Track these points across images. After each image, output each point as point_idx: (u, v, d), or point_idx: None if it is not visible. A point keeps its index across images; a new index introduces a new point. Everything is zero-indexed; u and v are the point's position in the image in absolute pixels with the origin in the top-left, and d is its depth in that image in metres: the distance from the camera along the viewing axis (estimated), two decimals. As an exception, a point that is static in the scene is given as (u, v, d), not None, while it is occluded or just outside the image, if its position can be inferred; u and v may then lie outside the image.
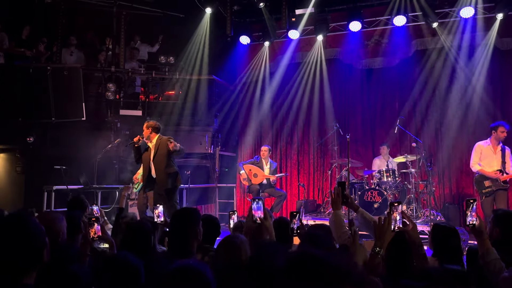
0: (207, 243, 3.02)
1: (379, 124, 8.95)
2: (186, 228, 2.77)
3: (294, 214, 3.18)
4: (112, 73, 8.32)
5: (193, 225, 2.79)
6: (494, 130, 6.04)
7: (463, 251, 4.15)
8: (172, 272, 1.54)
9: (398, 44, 8.58)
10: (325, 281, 1.16)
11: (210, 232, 3.10)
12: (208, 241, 3.05)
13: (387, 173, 7.55)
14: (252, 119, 10.01)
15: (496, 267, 2.27)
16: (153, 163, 5.88)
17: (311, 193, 9.46)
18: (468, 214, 2.50)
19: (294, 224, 3.14)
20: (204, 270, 1.56)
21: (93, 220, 2.86)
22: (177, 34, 9.00)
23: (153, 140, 5.94)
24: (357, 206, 3.26)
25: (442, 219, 7.23)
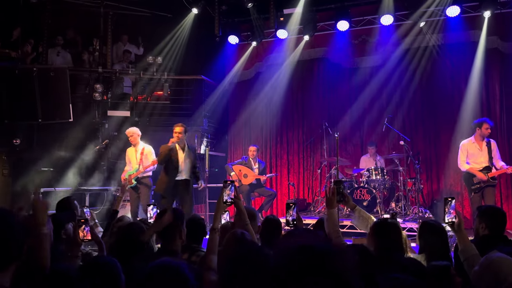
0: (194, 243, 3.03)
1: (368, 123, 9.01)
2: (170, 228, 2.79)
3: (290, 205, 3.15)
4: (99, 74, 8.25)
5: (176, 225, 2.81)
6: (479, 127, 6.10)
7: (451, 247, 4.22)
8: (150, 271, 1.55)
9: (386, 43, 8.65)
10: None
11: (196, 232, 3.10)
12: (195, 241, 3.05)
13: (376, 171, 7.62)
14: (241, 119, 10.01)
15: (475, 262, 2.32)
16: (183, 164, 6.06)
17: (301, 192, 9.49)
18: (447, 211, 2.56)
19: (290, 216, 3.12)
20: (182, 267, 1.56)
21: (82, 221, 2.84)
22: (165, 34, 8.94)
23: (184, 145, 6.15)
24: (354, 204, 3.29)
25: (431, 216, 7.30)
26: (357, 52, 9.00)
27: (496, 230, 3.12)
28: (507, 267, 1.89)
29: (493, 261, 1.94)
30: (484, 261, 1.99)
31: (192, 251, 2.97)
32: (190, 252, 2.97)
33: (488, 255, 2.04)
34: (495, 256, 1.97)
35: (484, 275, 1.94)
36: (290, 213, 3.13)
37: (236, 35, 9.24)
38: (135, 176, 6.47)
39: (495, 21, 7.81)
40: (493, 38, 7.91)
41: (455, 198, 2.70)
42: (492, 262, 1.94)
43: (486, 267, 1.95)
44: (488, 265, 1.94)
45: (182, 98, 9.02)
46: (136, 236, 2.81)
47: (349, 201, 3.26)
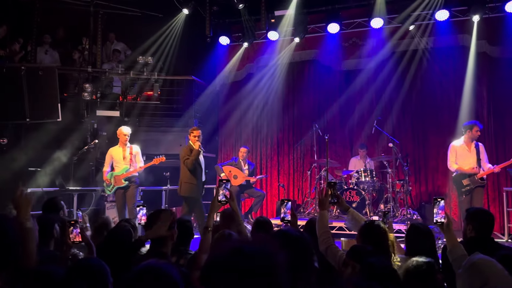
0: (182, 246, 3.01)
1: (357, 125, 9.07)
2: None
3: (284, 201, 3.15)
4: (89, 73, 8.18)
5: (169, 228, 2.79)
6: (469, 129, 6.16)
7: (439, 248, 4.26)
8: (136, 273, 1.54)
9: (376, 46, 8.72)
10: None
11: (184, 235, 3.08)
12: (182, 244, 3.03)
13: (365, 173, 7.67)
14: (232, 120, 10.00)
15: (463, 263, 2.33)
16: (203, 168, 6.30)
17: (290, 193, 9.50)
18: (435, 212, 2.57)
19: (285, 215, 3.12)
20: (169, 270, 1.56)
21: (72, 223, 2.82)
22: (156, 34, 8.90)
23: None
24: (347, 206, 3.30)
25: (419, 218, 7.37)
26: (347, 54, 9.05)
27: (483, 232, 3.14)
28: (488, 269, 1.91)
29: (475, 263, 1.96)
30: (466, 263, 2.02)
31: (180, 254, 2.96)
32: (178, 255, 2.95)
33: (470, 257, 2.06)
34: (476, 258, 1.99)
35: (467, 277, 1.95)
36: (283, 210, 3.13)
37: (227, 36, 9.24)
38: (125, 176, 6.41)
39: (483, 26, 7.92)
40: (482, 42, 8.02)
41: (444, 199, 2.70)
42: (473, 264, 1.96)
43: (468, 269, 1.97)
44: (470, 267, 1.96)
45: (172, 99, 8.99)
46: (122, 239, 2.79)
47: (342, 203, 3.27)
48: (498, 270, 1.90)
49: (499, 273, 1.89)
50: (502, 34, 7.84)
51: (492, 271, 1.89)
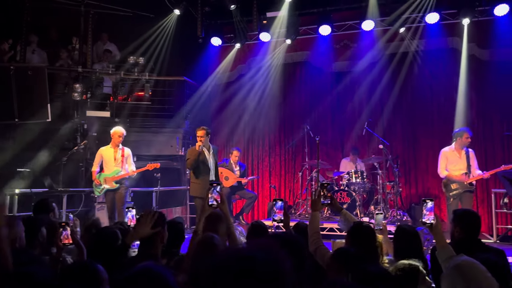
0: (173, 248, 2.99)
1: (348, 127, 9.10)
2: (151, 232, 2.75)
3: (275, 201, 3.15)
4: (79, 73, 8.12)
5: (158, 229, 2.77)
6: (460, 137, 6.20)
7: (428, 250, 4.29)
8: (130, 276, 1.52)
9: (367, 48, 8.77)
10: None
11: (175, 236, 3.06)
12: (173, 246, 3.02)
13: (355, 175, 7.71)
14: (224, 121, 9.99)
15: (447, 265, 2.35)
16: (214, 168, 6.25)
17: (282, 194, 9.52)
18: (424, 213, 2.58)
19: (275, 214, 3.12)
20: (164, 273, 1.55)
21: (62, 224, 2.80)
22: (147, 35, 8.86)
23: (209, 147, 6.29)
24: (341, 207, 3.32)
25: (409, 219, 7.41)
26: (338, 56, 9.10)
27: (471, 233, 3.17)
28: (472, 270, 1.92)
29: (458, 265, 1.97)
30: (450, 264, 2.03)
31: (171, 256, 2.94)
32: (169, 257, 2.93)
33: (454, 258, 2.07)
34: (460, 260, 2.00)
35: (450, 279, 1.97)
36: (274, 210, 3.14)
37: (219, 37, 9.22)
38: (116, 179, 6.36)
39: (473, 29, 7.99)
40: (471, 45, 8.10)
41: (433, 200, 2.71)
42: (457, 266, 1.97)
43: (452, 270, 1.98)
44: (453, 269, 1.97)
45: (164, 99, 8.94)
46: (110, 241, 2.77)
47: (335, 204, 3.28)
48: (481, 271, 1.92)
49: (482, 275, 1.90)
50: (491, 37, 7.92)
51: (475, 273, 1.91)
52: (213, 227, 2.94)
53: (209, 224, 2.92)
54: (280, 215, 3.13)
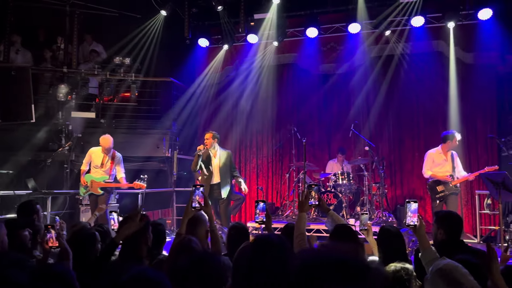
0: (155, 250, 2.97)
1: (335, 128, 9.16)
2: (136, 234, 2.72)
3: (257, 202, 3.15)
4: (64, 74, 8.02)
5: (143, 231, 2.75)
6: (450, 140, 6.27)
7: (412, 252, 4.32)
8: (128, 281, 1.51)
9: (353, 51, 8.83)
10: None
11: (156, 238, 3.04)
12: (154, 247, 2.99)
13: (342, 176, 7.76)
14: (211, 123, 9.96)
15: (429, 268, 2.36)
16: (219, 172, 6.26)
17: (269, 196, 9.53)
18: (408, 214, 2.59)
19: (257, 216, 3.11)
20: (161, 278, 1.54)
21: (48, 227, 2.76)
22: (134, 35, 8.80)
23: (216, 149, 6.32)
24: (328, 208, 3.34)
25: (394, 220, 7.48)
26: (325, 58, 9.14)
27: (453, 235, 3.21)
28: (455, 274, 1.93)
29: (441, 269, 1.98)
30: (433, 268, 2.04)
31: (152, 257, 2.92)
32: (151, 259, 2.92)
33: (436, 262, 2.09)
34: (442, 263, 2.02)
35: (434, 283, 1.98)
36: (256, 212, 3.14)
37: (207, 38, 9.21)
38: (102, 186, 6.30)
39: (457, 32, 8.10)
40: (456, 48, 8.20)
41: (417, 202, 2.71)
42: (439, 270, 1.98)
43: (435, 274, 1.99)
44: (436, 273, 1.98)
45: (150, 100, 8.89)
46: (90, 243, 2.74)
47: (323, 205, 3.30)
48: (463, 274, 1.93)
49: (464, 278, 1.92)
50: (475, 41, 8.05)
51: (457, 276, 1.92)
52: (193, 229, 2.93)
53: (188, 226, 2.91)
54: (262, 217, 3.14)
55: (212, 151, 6.33)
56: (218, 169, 6.30)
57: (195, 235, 2.78)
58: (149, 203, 8.00)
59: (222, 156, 6.35)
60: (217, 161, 6.31)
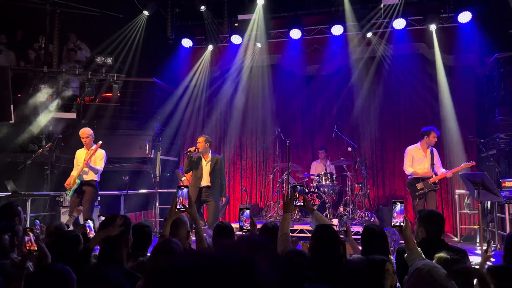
0: (139, 251, 2.93)
1: (318, 129, 9.22)
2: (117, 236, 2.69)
3: (242, 210, 3.16)
4: (44, 74, 7.87)
5: (123, 233, 2.71)
6: (427, 135, 6.36)
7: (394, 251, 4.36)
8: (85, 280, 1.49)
9: (336, 53, 8.89)
10: None
11: (141, 240, 3.00)
12: (139, 249, 2.95)
13: (325, 177, 7.80)
14: (194, 124, 9.92)
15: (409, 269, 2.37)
16: (210, 176, 6.28)
17: (253, 197, 9.52)
18: (394, 215, 2.59)
19: (243, 223, 3.12)
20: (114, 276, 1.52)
21: (27, 230, 2.70)
22: (116, 35, 8.69)
23: (207, 153, 6.37)
24: (312, 208, 3.35)
25: (376, 220, 7.55)
26: (309, 60, 9.19)
27: (434, 234, 3.25)
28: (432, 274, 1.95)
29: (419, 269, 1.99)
30: (411, 269, 2.04)
31: (136, 259, 2.88)
32: (134, 260, 2.88)
33: (414, 263, 2.10)
34: (421, 263, 2.03)
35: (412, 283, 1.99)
36: (242, 218, 3.14)
37: (190, 38, 9.16)
38: (78, 174, 6.10)
39: (438, 35, 8.24)
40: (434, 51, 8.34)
41: (402, 202, 2.72)
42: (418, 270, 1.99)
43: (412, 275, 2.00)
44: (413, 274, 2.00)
45: (133, 101, 8.80)
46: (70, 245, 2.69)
47: (308, 205, 3.31)
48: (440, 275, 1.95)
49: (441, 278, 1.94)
50: (456, 43, 8.20)
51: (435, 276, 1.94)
52: (174, 231, 2.91)
53: (171, 228, 2.89)
54: (248, 224, 3.16)
55: (203, 155, 6.36)
56: (208, 173, 6.31)
57: (176, 236, 2.75)
58: (131, 205, 7.92)
59: (212, 160, 6.37)
60: (208, 165, 6.34)
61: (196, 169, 6.37)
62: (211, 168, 6.31)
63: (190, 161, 6.31)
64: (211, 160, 6.37)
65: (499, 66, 7.29)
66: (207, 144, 6.38)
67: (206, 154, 6.40)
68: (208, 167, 6.33)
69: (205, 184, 6.29)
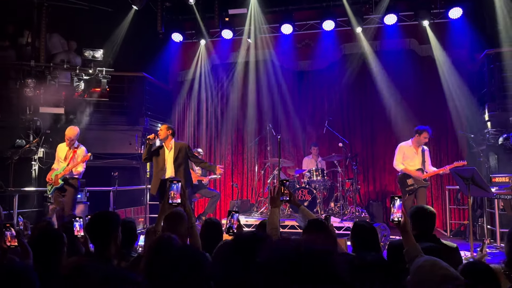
0: (124, 248, 2.87)
1: (310, 125, 9.20)
2: (105, 233, 2.63)
3: (231, 212, 3.14)
4: (31, 68, 7.73)
5: (112, 230, 2.66)
6: (418, 134, 6.35)
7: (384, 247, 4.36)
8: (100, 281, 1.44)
9: (327, 48, 8.88)
10: None
11: (126, 237, 2.93)
12: (124, 246, 2.89)
13: (316, 172, 7.78)
14: (186, 119, 9.86)
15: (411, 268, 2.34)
16: (173, 165, 5.89)
17: (244, 192, 9.50)
18: (392, 210, 2.54)
19: (232, 224, 3.10)
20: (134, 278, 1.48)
21: (7, 225, 2.64)
22: (105, 29, 8.56)
23: (170, 142, 5.96)
24: (299, 203, 3.33)
25: (367, 216, 7.57)
26: (300, 55, 9.16)
27: (424, 230, 3.24)
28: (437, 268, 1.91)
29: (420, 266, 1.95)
30: (413, 267, 2.00)
31: (122, 257, 2.82)
32: (119, 258, 2.81)
33: (415, 260, 2.06)
34: (422, 260, 1.99)
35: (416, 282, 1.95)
36: (231, 221, 3.11)
37: (180, 33, 9.07)
38: (62, 175, 6.04)
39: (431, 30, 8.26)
40: (427, 46, 8.37)
41: (401, 197, 2.68)
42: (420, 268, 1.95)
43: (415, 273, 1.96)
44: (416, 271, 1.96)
45: (122, 96, 8.68)
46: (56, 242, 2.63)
47: (294, 200, 3.28)
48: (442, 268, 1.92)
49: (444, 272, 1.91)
50: (446, 39, 8.22)
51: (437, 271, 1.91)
52: (173, 227, 2.85)
53: (168, 223, 2.82)
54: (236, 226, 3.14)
55: (165, 144, 5.96)
56: (172, 163, 5.91)
57: (176, 232, 2.69)
58: (121, 201, 7.82)
59: (176, 148, 5.94)
60: (171, 155, 5.92)
61: (157, 160, 5.94)
62: (175, 156, 5.90)
63: (149, 150, 5.86)
64: (174, 147, 5.94)
65: (489, 62, 7.33)
66: (168, 132, 5.94)
67: (168, 142, 5.96)
68: (172, 155, 5.91)
69: (170, 175, 5.87)
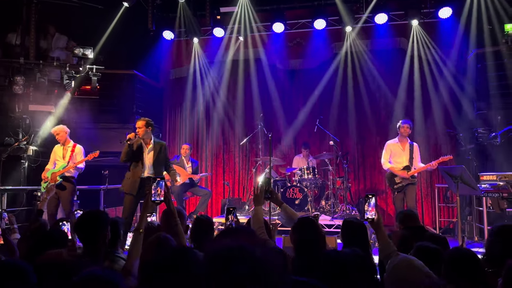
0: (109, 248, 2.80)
1: (301, 123, 9.21)
2: (94, 232, 2.61)
3: (230, 210, 3.15)
4: (20, 65, 7.65)
5: (101, 229, 2.63)
6: (398, 129, 6.45)
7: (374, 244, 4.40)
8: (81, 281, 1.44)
9: (319, 47, 8.91)
10: None
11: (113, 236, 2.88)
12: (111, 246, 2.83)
13: (307, 171, 7.82)
14: (178, 117, 9.83)
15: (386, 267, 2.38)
16: (153, 165, 5.57)
17: (236, 191, 9.51)
18: (366, 208, 2.61)
19: (231, 221, 3.12)
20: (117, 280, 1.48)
21: None
22: (96, 26, 8.48)
23: (149, 140, 5.60)
24: (281, 201, 3.33)
25: (357, 214, 7.61)
26: (292, 54, 9.18)
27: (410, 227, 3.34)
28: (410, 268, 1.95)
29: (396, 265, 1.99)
30: (389, 266, 2.04)
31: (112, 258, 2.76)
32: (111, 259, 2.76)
33: (392, 259, 2.10)
34: (397, 260, 2.03)
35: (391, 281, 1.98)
36: (230, 218, 3.12)
37: (171, 31, 9.03)
38: (61, 173, 6.07)
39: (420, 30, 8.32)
40: (417, 45, 8.42)
41: (375, 195, 2.74)
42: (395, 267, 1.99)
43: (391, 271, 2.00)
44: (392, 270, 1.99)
45: (112, 94, 8.63)
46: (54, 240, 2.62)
47: (276, 198, 3.30)
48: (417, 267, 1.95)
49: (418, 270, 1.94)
50: (436, 38, 8.29)
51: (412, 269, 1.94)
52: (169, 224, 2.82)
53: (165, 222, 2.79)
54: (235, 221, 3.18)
55: (144, 141, 5.58)
56: (151, 161, 5.57)
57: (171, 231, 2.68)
58: (112, 200, 7.78)
59: (156, 147, 5.63)
60: (150, 153, 5.59)
61: (137, 158, 5.53)
62: (155, 157, 5.57)
63: (129, 150, 5.43)
64: (153, 147, 5.60)
65: (478, 61, 7.42)
66: (148, 129, 5.52)
67: (148, 140, 5.61)
68: (152, 155, 5.57)
69: (148, 174, 5.55)
